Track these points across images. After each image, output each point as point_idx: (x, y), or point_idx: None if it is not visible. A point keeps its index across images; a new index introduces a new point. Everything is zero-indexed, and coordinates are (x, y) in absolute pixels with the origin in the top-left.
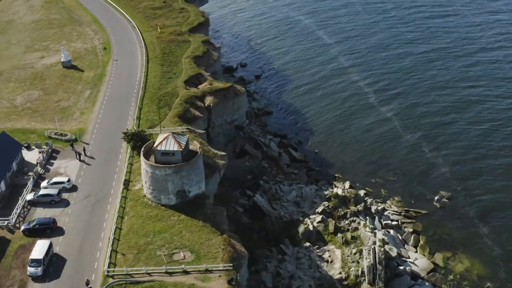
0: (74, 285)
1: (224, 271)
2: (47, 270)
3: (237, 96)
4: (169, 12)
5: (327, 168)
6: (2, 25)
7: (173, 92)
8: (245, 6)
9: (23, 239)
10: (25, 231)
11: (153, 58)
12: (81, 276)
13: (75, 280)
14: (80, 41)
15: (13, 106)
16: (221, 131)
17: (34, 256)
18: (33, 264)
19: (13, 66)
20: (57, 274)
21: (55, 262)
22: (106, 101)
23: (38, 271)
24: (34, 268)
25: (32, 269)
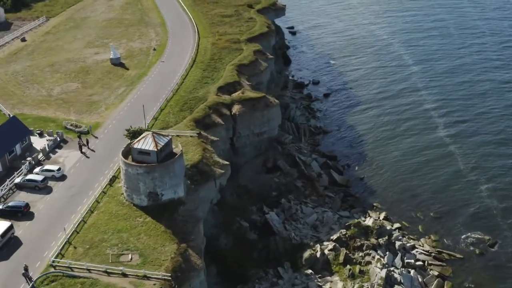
0: (17, 270)
1: (162, 280)
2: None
3: (267, 108)
4: (236, 20)
5: (368, 196)
6: (77, 21)
7: (202, 97)
8: (329, 21)
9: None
10: (4, 210)
11: (199, 63)
12: (28, 261)
13: (22, 264)
14: (139, 41)
15: (48, 95)
16: (248, 142)
17: None
18: None
19: (67, 59)
20: (7, 256)
21: (11, 244)
22: (134, 99)
23: None
24: None
25: None
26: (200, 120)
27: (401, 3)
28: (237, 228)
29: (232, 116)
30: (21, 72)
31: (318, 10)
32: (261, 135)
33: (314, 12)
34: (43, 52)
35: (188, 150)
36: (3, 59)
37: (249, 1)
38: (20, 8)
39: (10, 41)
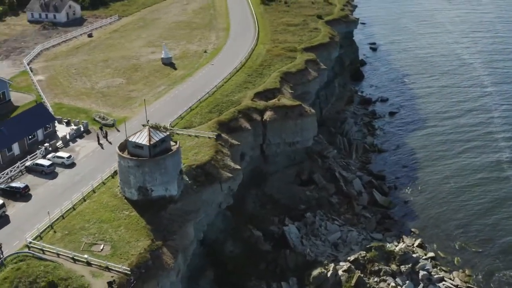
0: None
1: (122, 273)
2: None
3: (301, 117)
4: (300, 30)
5: (407, 220)
6: (147, 21)
7: (236, 101)
8: (413, 38)
9: None
10: (4, 190)
11: (247, 68)
12: (8, 239)
13: (4, 243)
14: (197, 44)
15: (91, 88)
16: (279, 151)
17: None
18: None
19: (122, 56)
20: None
21: None
22: (170, 99)
23: None
24: None
25: None
26: (225, 123)
27: (492, 25)
28: (248, 236)
29: (263, 123)
30: (76, 65)
31: (405, 28)
32: (293, 145)
33: (401, 29)
34: (103, 48)
35: (200, 150)
36: (65, 52)
37: (320, 12)
38: (97, 6)
39: (78, 36)
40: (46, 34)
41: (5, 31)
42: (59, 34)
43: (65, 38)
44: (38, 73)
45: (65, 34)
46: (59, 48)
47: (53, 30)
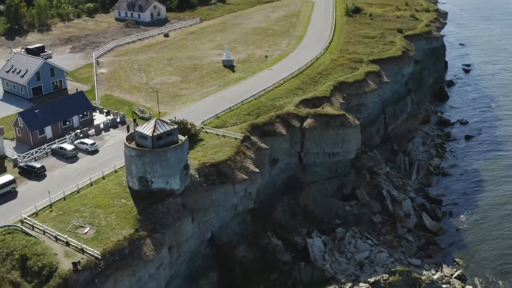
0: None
1: (93, 257)
2: None
3: (343, 128)
4: (375, 42)
5: (454, 249)
6: (227, 26)
7: (279, 106)
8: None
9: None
10: (19, 168)
11: (304, 75)
12: (9, 213)
13: (2, 215)
14: (265, 49)
15: (145, 84)
16: (318, 161)
17: None
18: None
19: (187, 56)
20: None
21: (8, 196)
22: (215, 98)
23: None
24: None
25: None
26: (259, 126)
27: None
28: (265, 243)
29: (302, 130)
30: (141, 61)
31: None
32: (333, 155)
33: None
34: (173, 48)
35: (221, 150)
36: (136, 49)
37: (402, 26)
38: (184, 9)
39: (154, 35)
40: (127, 32)
41: (90, 26)
42: (139, 33)
43: (141, 36)
44: (102, 66)
45: (142, 33)
46: (133, 45)
47: (134, 28)
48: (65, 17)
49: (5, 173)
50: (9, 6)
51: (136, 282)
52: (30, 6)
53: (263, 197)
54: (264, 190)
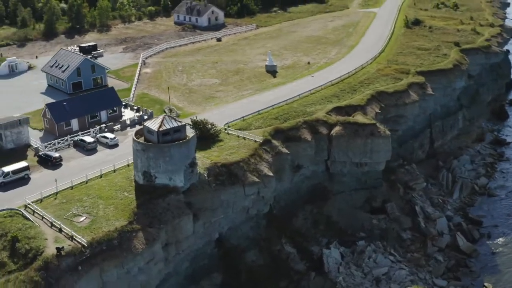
0: (7, 199)
1: (80, 244)
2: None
3: (372, 137)
4: (428, 54)
5: (486, 273)
6: (282, 33)
7: (309, 112)
8: None
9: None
10: (38, 157)
11: (345, 83)
12: (15, 198)
13: (10, 200)
14: (312, 57)
15: (183, 85)
16: (346, 170)
17: (3, 169)
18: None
19: (233, 60)
20: (6, 189)
21: (21, 182)
22: (248, 102)
23: None
24: None
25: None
26: (283, 130)
27: None
28: (277, 250)
29: (329, 137)
30: (186, 63)
31: None
32: (361, 166)
33: None
34: (222, 52)
35: (237, 151)
36: (186, 52)
37: (461, 40)
38: (243, 15)
39: (208, 39)
40: (182, 35)
41: (148, 29)
42: (193, 36)
43: (193, 39)
44: (148, 67)
45: (196, 36)
46: (184, 48)
47: (190, 32)
48: (126, 19)
49: (21, 161)
50: (72, 6)
51: (125, 274)
52: (92, 7)
53: (283, 203)
54: (284, 196)
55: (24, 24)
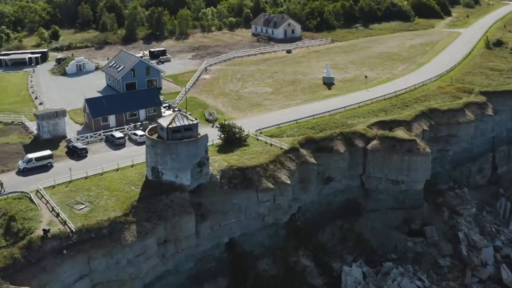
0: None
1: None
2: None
3: (410, 154)
4: (500, 75)
5: None
6: (356, 48)
7: (350, 124)
8: None
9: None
10: (67, 148)
11: (399, 98)
12: (32, 182)
13: (28, 184)
14: (376, 72)
15: (234, 91)
16: (381, 187)
17: (28, 155)
18: (23, 159)
19: (293, 71)
20: (28, 174)
21: (44, 168)
22: (291, 111)
23: (20, 165)
24: (21, 162)
25: (20, 162)
26: (315, 140)
27: None
28: (293, 262)
29: (364, 151)
30: (246, 72)
31: None
32: (397, 183)
33: None
34: (287, 63)
35: (258, 156)
36: (251, 61)
37: None
38: (322, 30)
39: (278, 51)
40: (254, 46)
41: (225, 38)
42: (264, 47)
43: (263, 50)
44: (208, 73)
45: (266, 47)
46: (252, 58)
47: (264, 43)
48: (206, 29)
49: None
50: (152, 13)
51: (114, 264)
52: (173, 15)
53: (310, 215)
54: (311, 208)
55: (105, 28)
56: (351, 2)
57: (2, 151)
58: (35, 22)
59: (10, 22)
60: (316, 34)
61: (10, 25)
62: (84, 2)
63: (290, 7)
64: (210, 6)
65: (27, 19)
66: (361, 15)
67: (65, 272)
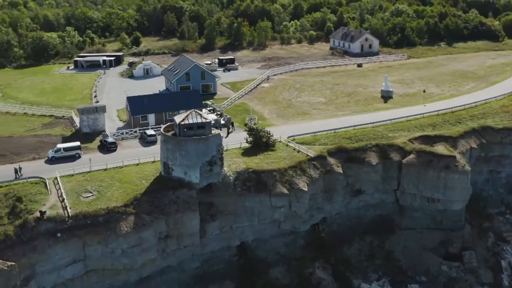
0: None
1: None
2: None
3: (446, 171)
4: None
5: None
6: (431, 65)
7: (390, 137)
8: None
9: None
10: (100, 141)
11: (454, 114)
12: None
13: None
14: (441, 88)
15: (286, 100)
16: (417, 205)
17: (58, 145)
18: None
19: (355, 84)
20: (56, 163)
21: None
22: (336, 121)
23: (49, 154)
24: (51, 151)
25: (50, 151)
26: (347, 150)
27: None
28: (308, 273)
29: (399, 165)
30: (307, 82)
31: None
32: (433, 202)
33: None
34: (353, 76)
35: (278, 161)
36: (318, 73)
37: None
38: (402, 46)
39: (349, 64)
40: (327, 58)
41: (301, 51)
42: (336, 60)
43: (334, 63)
44: (269, 82)
45: (337, 60)
46: (320, 70)
47: (338, 57)
48: (285, 41)
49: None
50: (232, 24)
51: (110, 253)
52: (253, 26)
53: (336, 227)
54: (338, 220)
55: (183, 36)
56: (436, 19)
57: (41, 141)
58: (122, 29)
59: (98, 27)
60: (395, 50)
61: (98, 30)
62: (170, 11)
63: (372, 22)
64: (294, 19)
65: (114, 26)
66: (446, 33)
67: (57, 254)
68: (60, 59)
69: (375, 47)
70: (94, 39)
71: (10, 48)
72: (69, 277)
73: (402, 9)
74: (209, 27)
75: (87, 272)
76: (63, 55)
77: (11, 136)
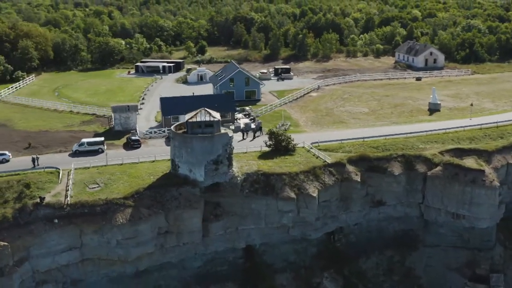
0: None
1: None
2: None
3: (473, 185)
4: None
5: None
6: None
7: (421, 148)
8: None
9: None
10: (126, 138)
11: (498, 129)
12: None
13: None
14: (497, 103)
15: (328, 109)
16: (441, 221)
17: (82, 140)
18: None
19: (405, 96)
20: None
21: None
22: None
23: (74, 147)
24: (76, 145)
25: (75, 145)
26: (368, 159)
27: None
28: (316, 283)
29: (424, 177)
30: (356, 93)
31: None
32: (458, 218)
33: None
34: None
35: (292, 165)
36: (373, 85)
37: None
38: (469, 61)
39: (408, 77)
40: (387, 71)
41: (363, 64)
42: (395, 73)
43: (391, 76)
44: (318, 91)
45: (395, 73)
46: (377, 82)
47: (399, 70)
48: (350, 54)
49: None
50: (296, 35)
51: (106, 243)
52: (318, 38)
53: (353, 239)
54: (357, 231)
55: (248, 45)
56: (509, 35)
57: (74, 137)
58: (191, 38)
59: (169, 36)
60: (461, 65)
61: (169, 38)
62: (240, 22)
63: (441, 37)
64: (364, 33)
65: (184, 35)
66: None
67: (52, 240)
68: (124, 64)
69: (440, 61)
70: (162, 47)
71: (77, 52)
72: (64, 263)
73: (473, 24)
74: (273, 37)
75: (83, 260)
76: (128, 60)
77: (48, 130)
